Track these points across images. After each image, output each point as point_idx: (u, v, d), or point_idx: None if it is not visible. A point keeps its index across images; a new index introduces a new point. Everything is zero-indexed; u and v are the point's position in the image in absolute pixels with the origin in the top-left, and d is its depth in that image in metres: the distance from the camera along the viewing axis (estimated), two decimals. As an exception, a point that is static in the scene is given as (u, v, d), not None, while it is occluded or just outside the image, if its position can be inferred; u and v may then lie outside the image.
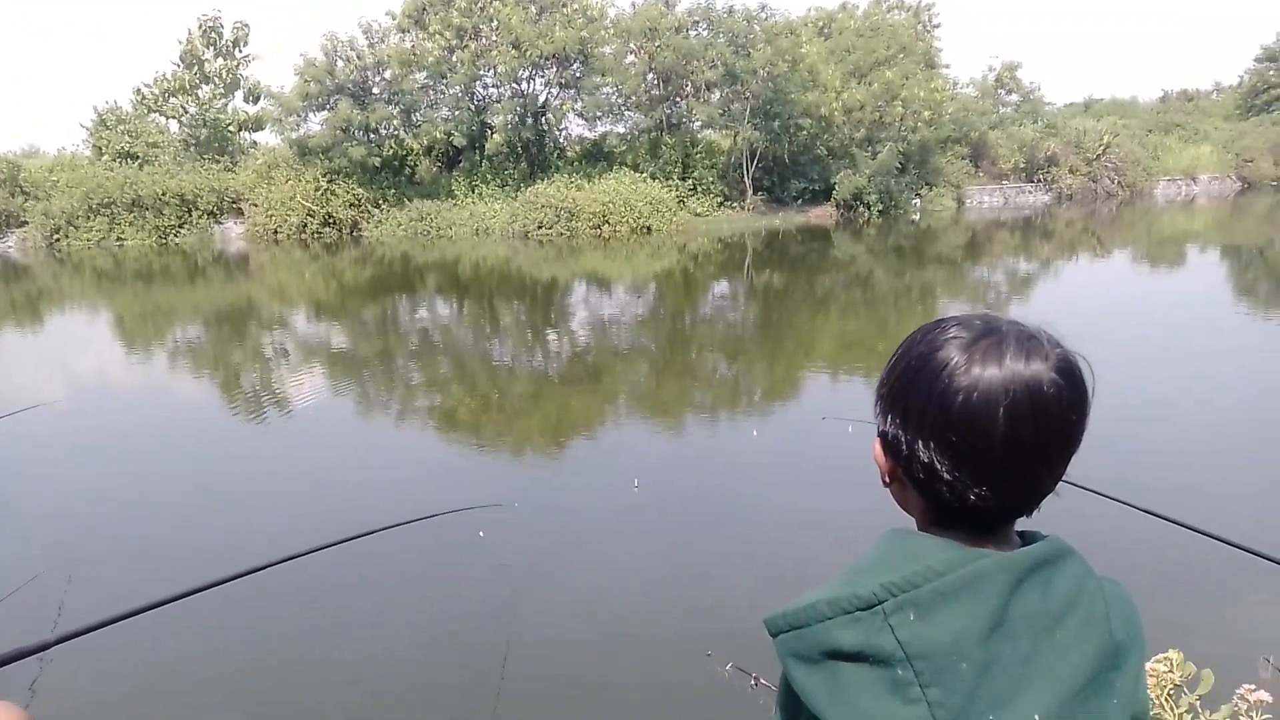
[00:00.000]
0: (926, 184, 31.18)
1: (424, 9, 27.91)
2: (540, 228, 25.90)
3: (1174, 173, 38.34)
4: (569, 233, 25.72)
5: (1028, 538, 0.83)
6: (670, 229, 26.48)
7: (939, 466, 0.79)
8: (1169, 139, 40.38)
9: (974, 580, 0.74)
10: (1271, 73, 47.85)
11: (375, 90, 28.52)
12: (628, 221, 25.91)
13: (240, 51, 30.96)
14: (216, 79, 30.70)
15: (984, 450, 0.77)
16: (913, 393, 0.81)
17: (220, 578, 1.78)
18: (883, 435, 0.85)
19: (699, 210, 28.41)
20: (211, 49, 30.44)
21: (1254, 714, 1.46)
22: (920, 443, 0.80)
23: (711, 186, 29.09)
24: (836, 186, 28.66)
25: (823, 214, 29.27)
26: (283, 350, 12.46)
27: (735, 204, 29.31)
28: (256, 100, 30.98)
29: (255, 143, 32.15)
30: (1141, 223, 28.34)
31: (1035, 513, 0.83)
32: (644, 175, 28.02)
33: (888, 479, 0.87)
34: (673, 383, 9.89)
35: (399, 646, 4.20)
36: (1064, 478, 0.83)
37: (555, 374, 10.64)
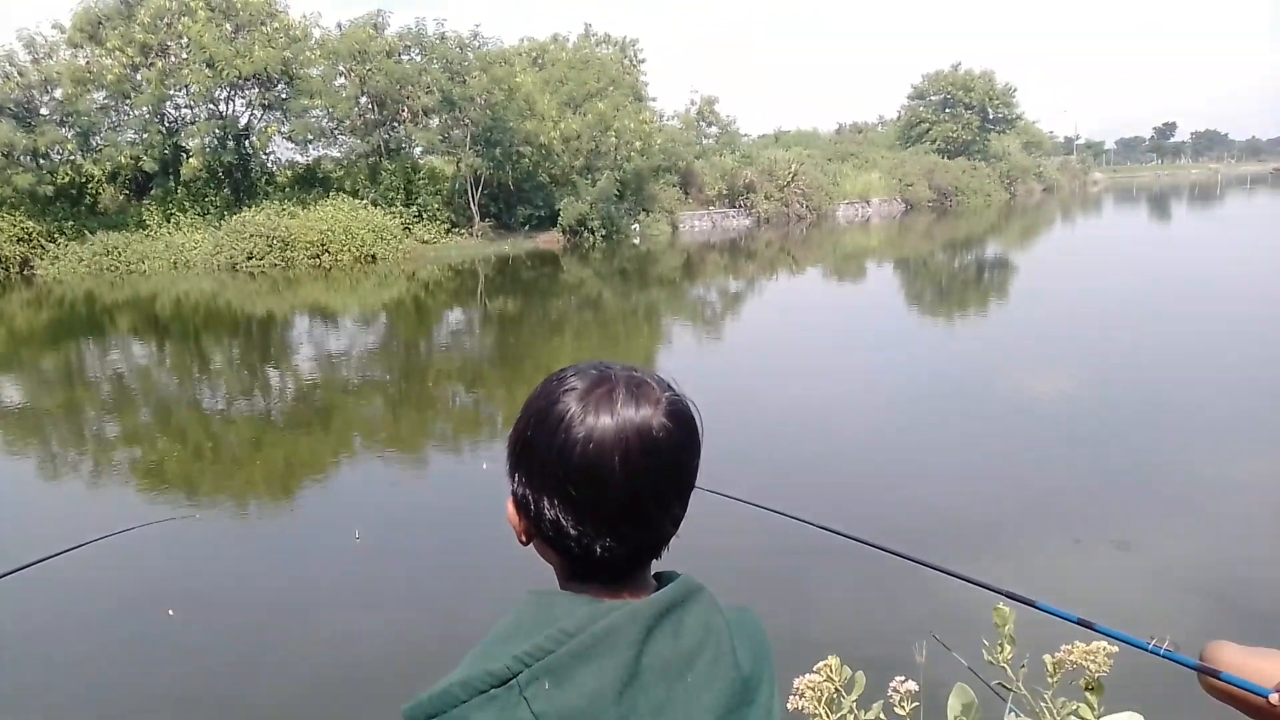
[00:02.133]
0: (644, 210, 32.92)
1: (99, 23, 25.18)
2: (250, 259, 24.12)
3: (851, 196, 43.54)
4: (284, 263, 24.20)
5: (665, 579, 0.82)
6: (397, 257, 25.79)
7: (564, 523, 0.78)
8: (845, 166, 45.84)
9: (605, 636, 0.72)
10: (921, 108, 56.02)
11: (44, 111, 25.18)
12: (350, 250, 24.89)
13: None
14: None
15: (602, 501, 0.77)
16: (534, 449, 0.80)
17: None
18: (514, 495, 0.84)
19: (426, 237, 27.93)
20: None
21: (905, 704, 1.51)
22: (545, 500, 0.79)
23: (438, 213, 28.72)
24: (561, 213, 29.44)
25: (550, 239, 29.93)
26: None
27: (463, 230, 29.15)
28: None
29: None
30: (828, 241, 31.88)
31: (659, 559, 0.84)
32: (364, 202, 27.10)
33: (524, 538, 0.85)
34: (405, 419, 9.67)
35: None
36: (703, 487, 0.85)
37: (278, 417, 10.00)
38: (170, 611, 4.82)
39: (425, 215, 28.50)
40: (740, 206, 38.11)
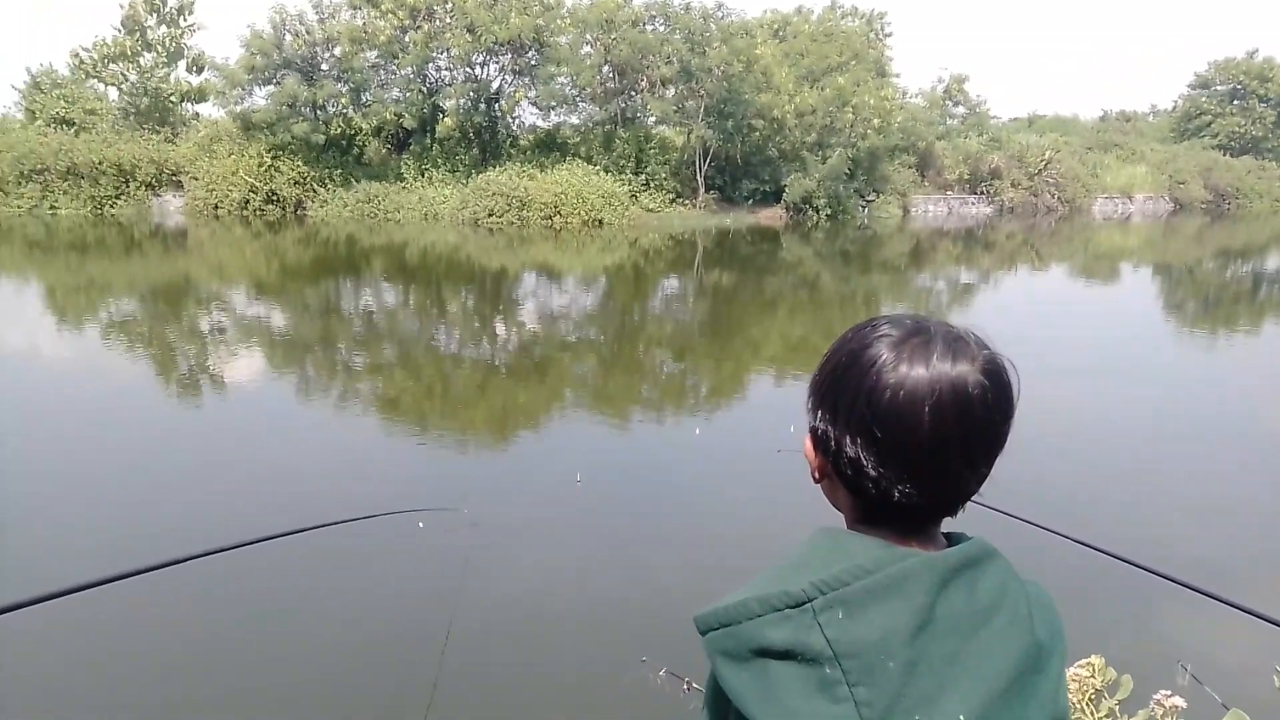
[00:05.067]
0: (874, 190, 31.69)
1: (378, -14, 27.44)
2: (491, 215, 25.67)
3: (1111, 190, 39.64)
4: (520, 222, 25.54)
5: (954, 539, 0.83)
6: (622, 223, 26.46)
7: (865, 462, 0.80)
8: (1107, 157, 41.74)
9: (901, 579, 0.74)
10: (1203, 99, 49.81)
11: (324, 67, 27.92)
12: (579, 214, 25.82)
13: (185, 19, 29.97)
14: (159, 47, 29.67)
15: (908, 447, 0.78)
16: (841, 388, 0.81)
17: (153, 563, 1.72)
18: (813, 431, 0.86)
19: (651, 206, 28.46)
20: (154, 15, 29.41)
21: (1169, 719, 1.49)
22: (848, 438, 0.81)
23: (664, 183, 29.16)
24: (787, 189, 28.96)
25: (772, 215, 29.56)
26: (220, 331, 12.14)
27: (687, 201, 29.43)
28: (200, 71, 30.06)
29: (198, 115, 31.23)
30: (1079, 238, 29.24)
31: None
32: (597, 168, 27.95)
33: (817, 475, 0.88)
34: (619, 378, 9.91)
35: (335, 638, 4.15)
36: (976, 499, 0.85)
37: (501, 365, 10.57)
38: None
39: (652, 184, 29.01)
40: (982, 193, 35.75)
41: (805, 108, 29.22)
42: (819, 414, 0.85)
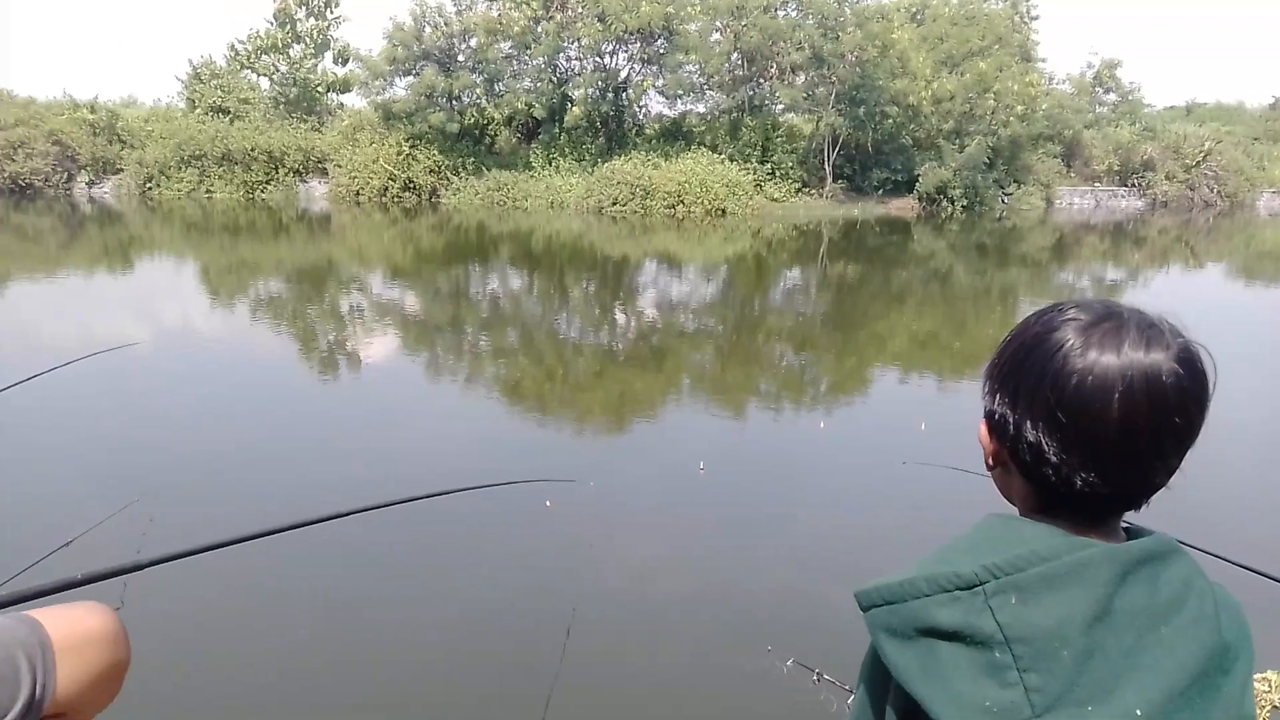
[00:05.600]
0: (1014, 181, 30.22)
1: (513, -23, 28.03)
2: (615, 204, 25.87)
3: (1280, 184, 36.41)
4: (643, 211, 25.64)
5: (1133, 533, 0.81)
6: (745, 213, 26.18)
7: (1046, 448, 0.77)
8: (1277, 149, 38.32)
9: (1080, 568, 0.73)
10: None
11: (460, 58, 28.75)
12: (703, 203, 25.69)
13: (331, 12, 31.50)
14: (307, 39, 31.31)
15: (1095, 436, 0.75)
16: (1025, 372, 0.79)
17: (288, 523, 1.76)
18: (989, 415, 0.84)
19: (776, 195, 28.03)
20: (304, 8, 31.02)
21: None
22: (1029, 423, 0.78)
23: (790, 171, 28.65)
24: (920, 178, 27.98)
25: (904, 206, 28.61)
26: (358, 310, 12.71)
27: (813, 190, 28.84)
28: (345, 62, 31.54)
29: (342, 104, 32.78)
30: (1240, 235, 27.00)
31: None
32: (722, 157, 27.73)
33: (991, 462, 0.86)
34: (738, 369, 9.78)
35: (462, 609, 4.23)
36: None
37: (621, 351, 10.62)
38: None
39: (778, 173, 28.56)
40: (1133, 186, 33.49)
41: (943, 94, 28.11)
42: (997, 398, 0.82)
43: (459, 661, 3.89)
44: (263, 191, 28.55)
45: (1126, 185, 33.56)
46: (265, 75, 31.70)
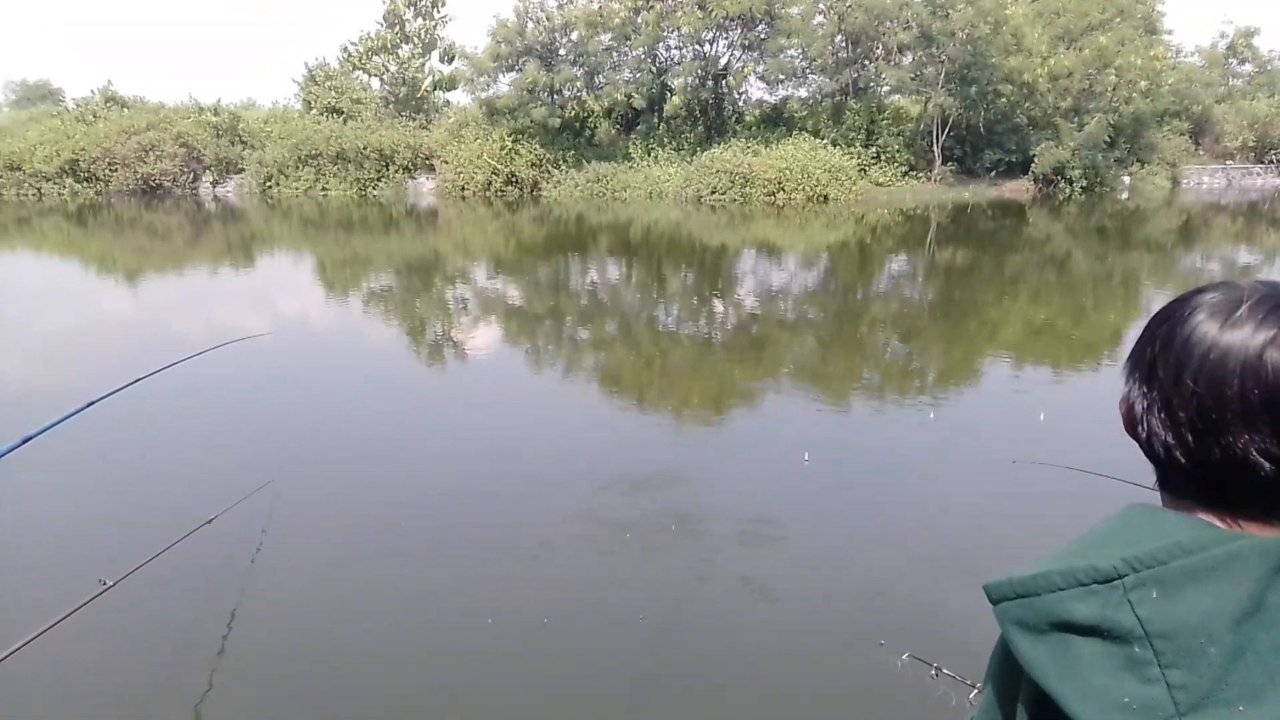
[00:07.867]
0: (1138, 160, 28.60)
1: (614, -31, 28.15)
2: (714, 193, 25.71)
3: None
4: (742, 199, 25.40)
5: None
6: (849, 198, 25.63)
7: (1185, 435, 0.76)
8: None
9: (1228, 561, 0.69)
10: None
11: (561, 51, 29.08)
12: (804, 189, 25.26)
13: (438, 12, 32.37)
14: (415, 38, 32.28)
15: (1232, 417, 0.73)
16: (1162, 361, 0.78)
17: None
18: (1129, 402, 0.82)
19: (881, 179, 27.32)
20: (411, 9, 31.98)
21: None
22: (1165, 413, 0.77)
23: (897, 155, 27.87)
24: (1036, 159, 26.80)
25: (1018, 188, 27.47)
26: (463, 302, 13.06)
27: (921, 174, 27.98)
28: (451, 60, 32.38)
29: (448, 101, 33.69)
30: (1399, 211, 24.82)
31: None
32: (824, 142, 27.19)
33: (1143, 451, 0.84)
34: (841, 358, 9.59)
35: (575, 597, 4.29)
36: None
37: (719, 341, 10.56)
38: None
39: (884, 157, 27.83)
40: (1270, 163, 31.23)
41: (1060, 70, 26.79)
42: (1134, 386, 0.81)
43: (574, 643, 3.93)
44: (374, 188, 29.63)
45: (1263, 162, 31.32)
46: (376, 75, 32.85)
